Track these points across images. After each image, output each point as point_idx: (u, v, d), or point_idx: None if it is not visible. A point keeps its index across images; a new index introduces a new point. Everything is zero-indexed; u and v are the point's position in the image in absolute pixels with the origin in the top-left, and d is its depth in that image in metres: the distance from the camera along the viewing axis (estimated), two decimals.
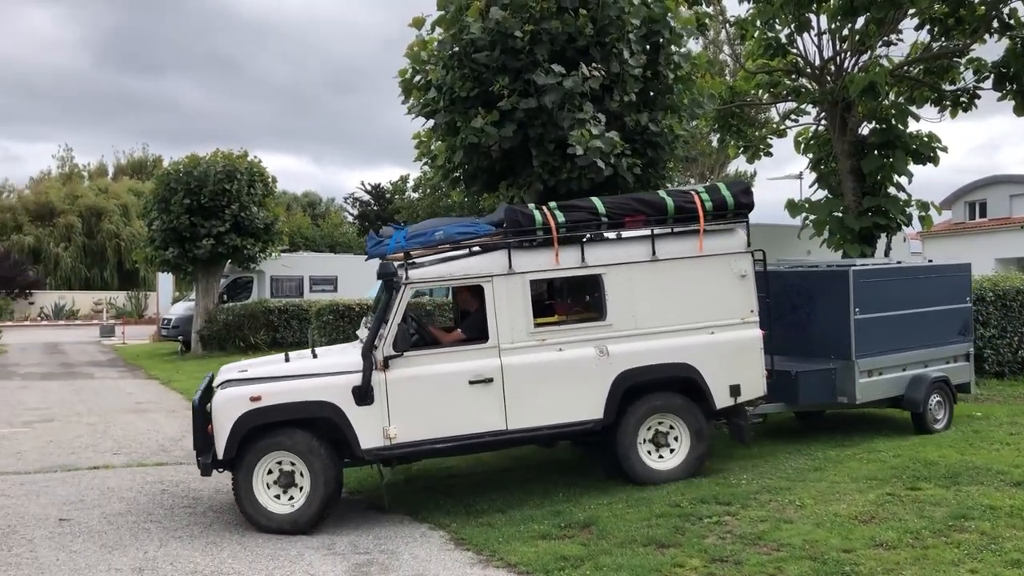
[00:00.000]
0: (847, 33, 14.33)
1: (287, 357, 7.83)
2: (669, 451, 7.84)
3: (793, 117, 16.21)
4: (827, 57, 14.63)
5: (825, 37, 14.52)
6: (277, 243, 25.69)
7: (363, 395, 6.97)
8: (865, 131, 14.38)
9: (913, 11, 13.73)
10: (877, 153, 14.04)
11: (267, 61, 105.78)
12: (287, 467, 7.00)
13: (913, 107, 14.39)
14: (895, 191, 14.16)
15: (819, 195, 14.95)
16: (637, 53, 9.40)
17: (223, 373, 7.59)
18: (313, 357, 7.70)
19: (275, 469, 7.00)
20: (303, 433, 6.99)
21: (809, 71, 15.01)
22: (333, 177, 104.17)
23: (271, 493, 6.97)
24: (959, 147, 72.35)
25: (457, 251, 8.07)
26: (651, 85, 9.96)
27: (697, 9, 11.33)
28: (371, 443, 7.01)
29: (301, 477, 6.98)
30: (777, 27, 14.83)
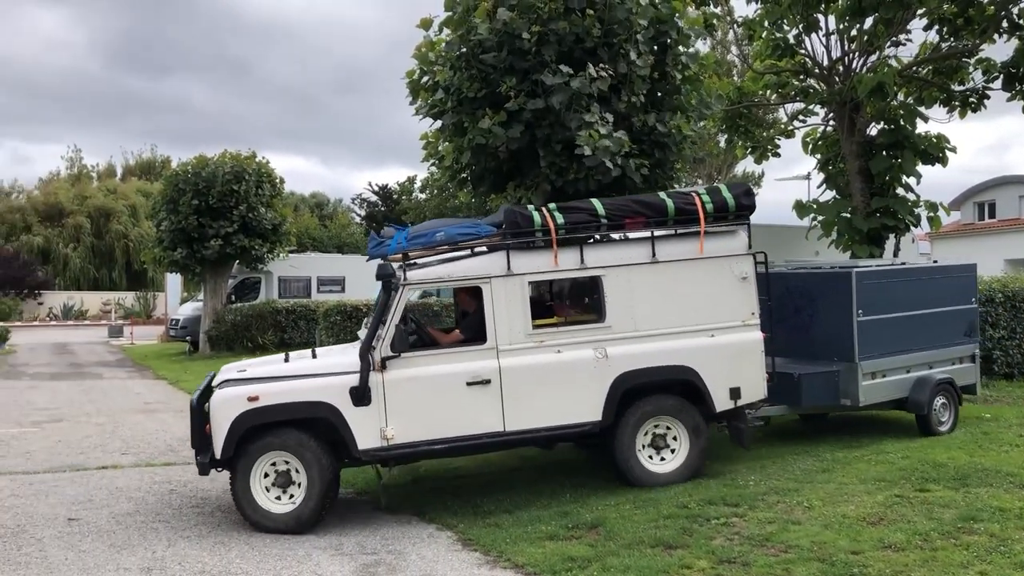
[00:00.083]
0: (855, 33, 14.30)
1: (287, 357, 7.84)
2: (670, 452, 7.81)
3: (801, 118, 16.19)
4: (835, 57, 14.60)
5: (833, 37, 14.51)
6: (285, 244, 25.76)
7: (360, 396, 6.97)
8: (873, 132, 14.34)
9: (922, 11, 13.70)
10: (885, 154, 14.01)
11: (275, 62, 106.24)
12: (284, 467, 7.01)
13: (922, 108, 14.35)
14: (903, 192, 14.12)
15: (827, 196, 14.95)
16: (645, 54, 9.38)
17: (223, 373, 7.62)
18: (313, 357, 7.71)
19: (271, 470, 7.00)
20: (301, 433, 6.99)
21: (817, 72, 14.99)
22: (341, 178, 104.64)
23: (271, 495, 6.98)
24: (968, 148, 72.17)
25: (457, 252, 8.05)
26: (659, 86, 9.94)
27: (705, 10, 11.35)
28: (368, 444, 7.01)
29: (298, 475, 6.98)
30: (785, 27, 14.82)
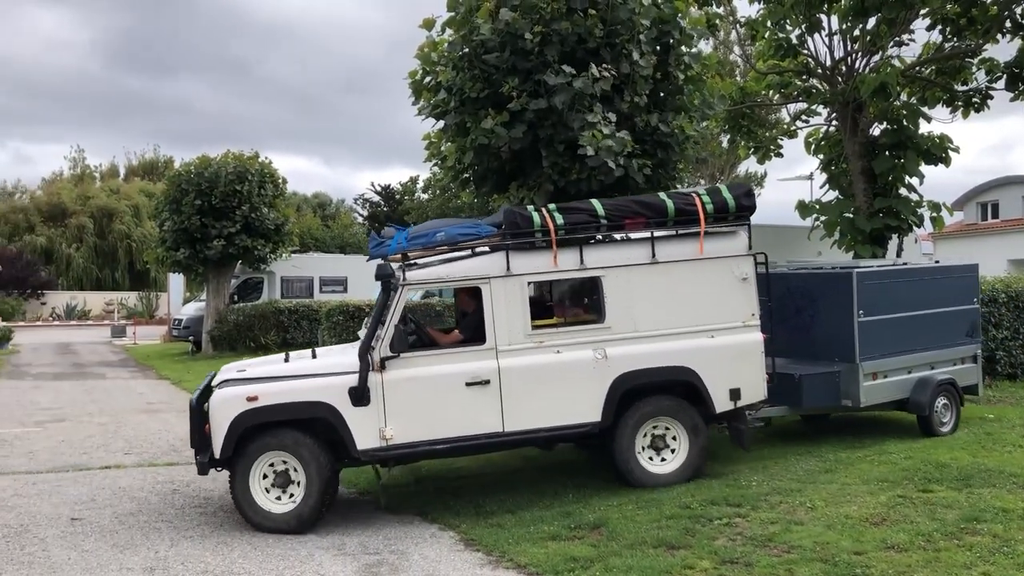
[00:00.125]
0: (858, 33, 14.26)
1: (287, 357, 7.85)
2: (670, 452, 7.80)
3: (804, 118, 16.14)
4: (838, 58, 14.57)
5: (836, 37, 14.47)
6: (287, 244, 25.81)
7: (359, 396, 6.96)
8: (876, 132, 14.31)
9: (925, 11, 13.66)
10: (888, 154, 13.98)
11: (277, 62, 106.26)
12: (282, 467, 7.01)
13: (925, 108, 14.31)
14: (906, 192, 14.09)
15: (830, 196, 14.91)
16: (647, 54, 9.37)
17: (223, 373, 7.62)
18: (313, 357, 7.71)
19: (269, 471, 7.01)
20: (300, 434, 6.99)
21: (820, 72, 14.96)
22: (343, 178, 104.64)
23: (271, 495, 6.99)
24: (971, 148, 72.06)
25: (457, 252, 8.05)
26: (661, 86, 9.94)
27: (707, 10, 11.33)
28: (367, 444, 7.00)
29: (296, 474, 6.99)
30: (788, 27, 14.77)
